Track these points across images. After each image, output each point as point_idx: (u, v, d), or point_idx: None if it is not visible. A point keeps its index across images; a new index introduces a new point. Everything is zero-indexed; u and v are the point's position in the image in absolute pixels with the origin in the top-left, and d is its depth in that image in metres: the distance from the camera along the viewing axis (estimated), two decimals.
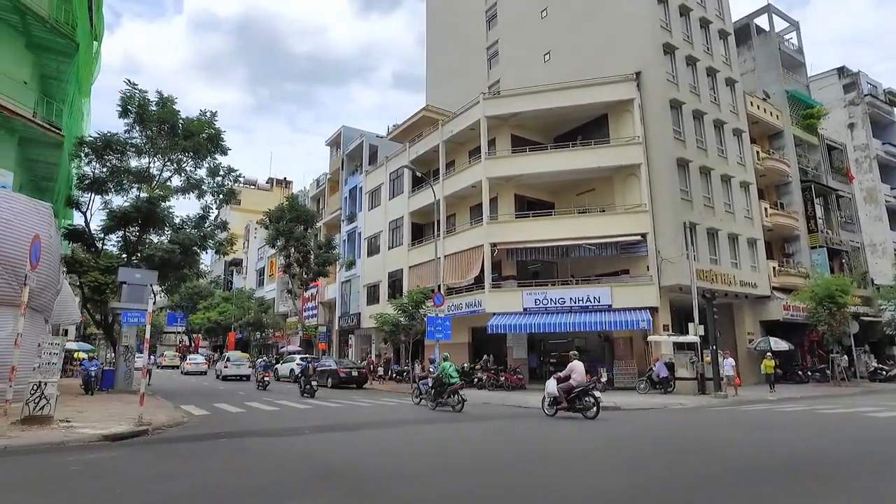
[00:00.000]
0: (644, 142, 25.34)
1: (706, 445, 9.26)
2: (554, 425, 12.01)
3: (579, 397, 12.92)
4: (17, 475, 6.77)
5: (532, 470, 7.08)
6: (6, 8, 17.08)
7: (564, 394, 13.13)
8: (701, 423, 12.78)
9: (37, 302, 14.44)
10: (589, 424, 12.05)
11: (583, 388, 12.93)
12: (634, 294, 23.85)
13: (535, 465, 7.41)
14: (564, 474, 6.80)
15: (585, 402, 12.86)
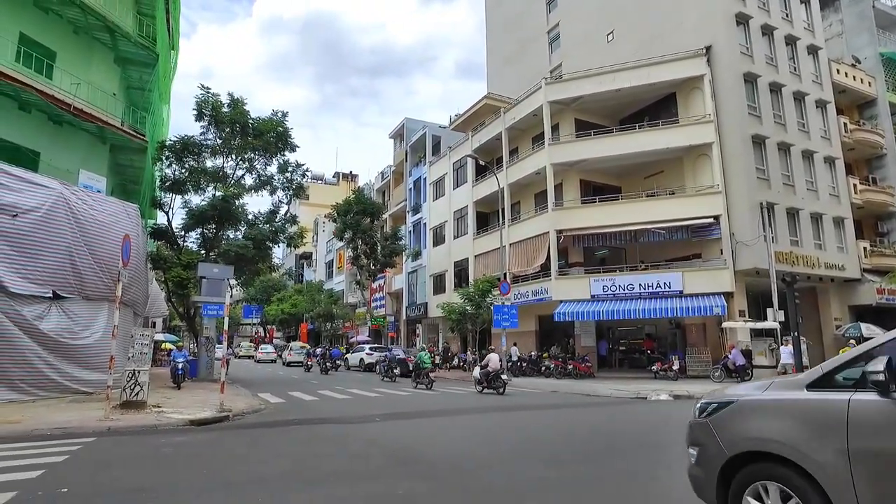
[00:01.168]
0: (716, 120, 24.15)
1: None
2: (618, 411, 11.83)
3: (494, 379, 17.21)
4: (120, 454, 7.50)
5: (606, 459, 7.07)
6: (98, 28, 18.47)
7: (485, 377, 17.48)
8: None
9: (127, 296, 15.69)
10: (645, 413, 11.80)
11: (496, 373, 17.21)
12: (707, 279, 22.92)
13: (610, 454, 7.39)
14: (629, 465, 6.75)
15: (497, 383, 17.11)
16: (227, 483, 5.81)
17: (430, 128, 41.42)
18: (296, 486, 5.74)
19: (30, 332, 13.48)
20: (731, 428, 3.65)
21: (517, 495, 5.37)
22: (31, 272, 13.79)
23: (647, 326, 26.50)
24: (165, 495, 5.33)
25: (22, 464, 6.69)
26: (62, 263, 14.49)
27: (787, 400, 3.47)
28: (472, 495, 5.38)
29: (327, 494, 5.39)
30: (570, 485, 5.80)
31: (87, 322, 15.00)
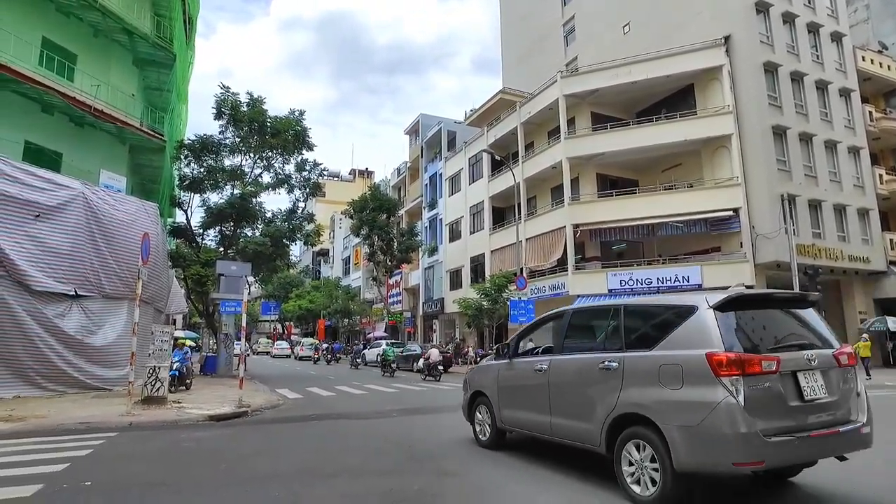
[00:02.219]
0: (735, 111, 23.78)
1: None
2: None
3: (433, 369, 20.90)
4: (142, 448, 7.64)
5: None
6: (117, 30, 18.77)
7: (426, 367, 21.27)
8: None
9: (147, 294, 15.95)
10: None
11: (434, 364, 20.96)
12: (727, 272, 22.57)
13: None
14: None
15: (435, 373, 20.80)
16: (245, 478, 5.89)
17: (445, 123, 41.39)
18: (313, 480, 5.80)
19: (51, 330, 13.78)
20: (472, 378, 7.93)
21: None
22: (53, 270, 14.09)
23: None
24: (186, 490, 5.43)
25: (48, 457, 6.87)
26: (83, 262, 14.79)
27: (483, 364, 8.09)
28: (488, 490, 5.38)
29: (344, 489, 5.44)
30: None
31: (106, 320, 15.28)
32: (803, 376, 4.46)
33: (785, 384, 4.38)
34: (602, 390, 5.18)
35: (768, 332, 4.79)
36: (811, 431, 4.33)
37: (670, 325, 4.86)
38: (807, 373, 4.48)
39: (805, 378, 4.46)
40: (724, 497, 5.20)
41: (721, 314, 4.57)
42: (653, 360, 4.80)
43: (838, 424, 4.52)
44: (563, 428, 5.73)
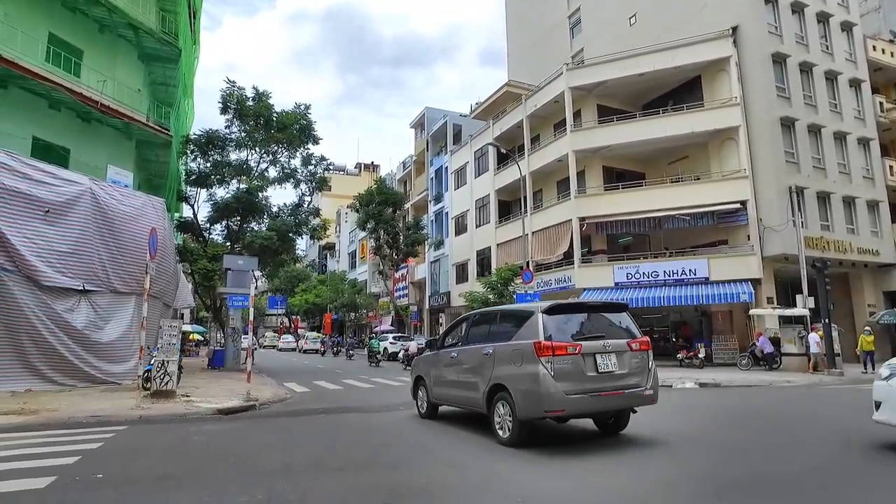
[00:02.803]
0: (742, 102, 23.59)
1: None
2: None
3: (411, 359, 20.56)
4: (151, 442, 7.73)
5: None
6: (122, 25, 18.81)
7: (405, 358, 23.57)
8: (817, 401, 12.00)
9: (155, 289, 16.07)
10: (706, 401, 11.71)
11: (412, 356, 20.34)
12: (734, 265, 22.52)
13: None
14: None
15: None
16: (254, 471, 5.95)
17: (450, 117, 41.29)
18: (320, 474, 5.85)
19: (60, 324, 13.91)
20: (415, 365, 10.37)
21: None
22: (62, 265, 14.21)
23: (672, 314, 26.18)
24: (195, 483, 5.49)
25: (60, 450, 6.95)
26: (91, 257, 14.90)
27: (422, 356, 10.32)
28: (497, 479, 5.42)
29: (350, 482, 5.49)
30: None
31: (114, 314, 15.41)
32: (600, 357, 6.93)
33: (586, 361, 6.86)
34: (483, 369, 7.73)
35: (581, 328, 7.25)
36: (602, 392, 6.88)
37: (520, 324, 7.37)
38: (603, 354, 6.95)
39: (601, 358, 6.94)
40: (576, 442, 7.59)
41: (547, 316, 7.08)
42: (509, 347, 7.34)
43: (624, 388, 7.02)
44: (463, 398, 8.38)
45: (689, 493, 5.07)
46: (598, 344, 6.99)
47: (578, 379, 6.75)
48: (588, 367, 6.84)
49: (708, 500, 4.88)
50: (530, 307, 7.56)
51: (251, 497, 4.93)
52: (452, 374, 8.63)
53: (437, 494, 5.03)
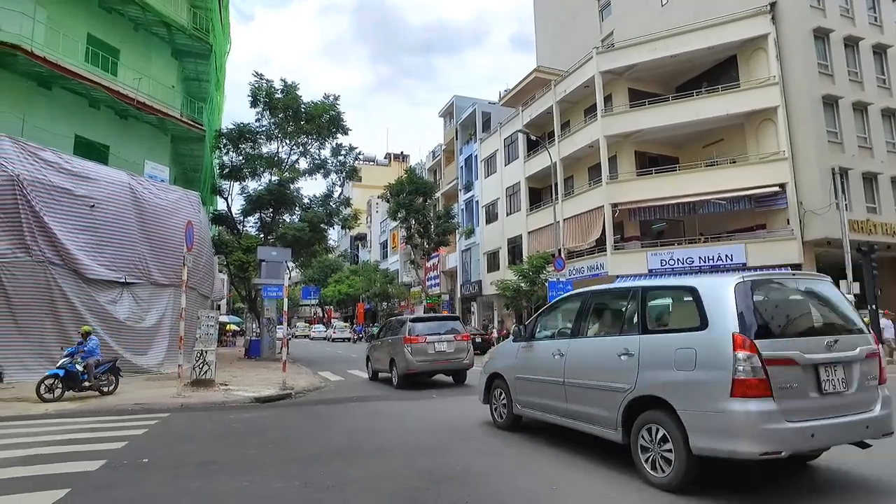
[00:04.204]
0: (781, 81, 22.75)
1: None
2: None
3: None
4: (193, 428, 8.01)
5: None
6: (155, 23, 19.28)
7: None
8: None
9: (193, 280, 16.54)
10: None
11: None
12: (773, 250, 21.88)
13: None
14: None
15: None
16: (290, 457, 6.11)
17: (479, 105, 41.03)
18: (354, 460, 5.97)
19: (102, 316, 14.49)
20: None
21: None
22: (104, 258, 14.76)
23: None
24: (235, 468, 5.67)
25: (109, 435, 7.28)
26: (132, 250, 15.46)
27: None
28: (527, 468, 5.44)
29: (384, 468, 5.59)
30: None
31: (154, 305, 15.96)
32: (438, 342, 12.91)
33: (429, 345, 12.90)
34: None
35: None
36: (436, 361, 12.58)
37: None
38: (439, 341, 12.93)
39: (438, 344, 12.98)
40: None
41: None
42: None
43: (449, 359, 13.00)
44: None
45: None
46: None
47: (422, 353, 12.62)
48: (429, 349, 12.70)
49: None
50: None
51: (288, 482, 5.08)
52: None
53: (472, 481, 5.08)
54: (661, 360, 4.83)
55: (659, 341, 4.99)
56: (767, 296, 4.79)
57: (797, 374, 4.31)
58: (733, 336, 4.31)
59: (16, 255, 13.25)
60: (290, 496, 4.69)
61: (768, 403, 4.14)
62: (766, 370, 4.19)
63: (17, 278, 13.21)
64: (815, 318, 4.90)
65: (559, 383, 6.06)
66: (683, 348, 4.65)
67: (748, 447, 4.12)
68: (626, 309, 5.58)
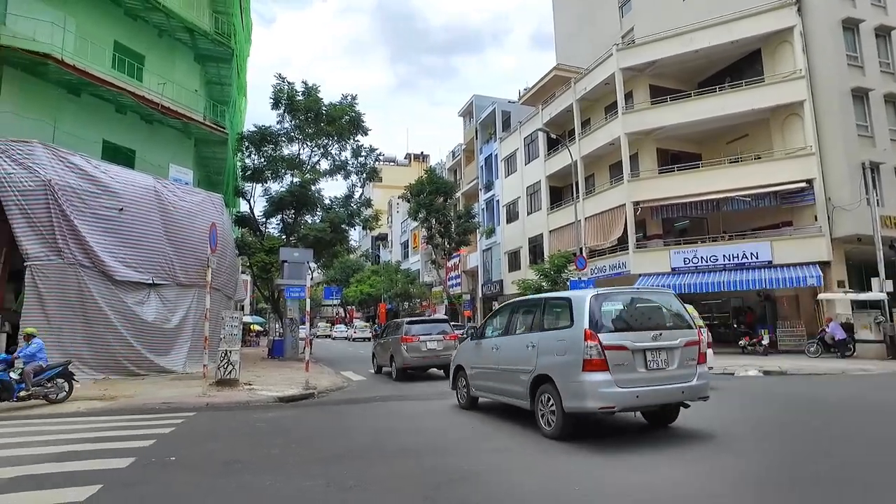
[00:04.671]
0: (808, 75, 22.26)
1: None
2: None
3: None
4: (218, 427, 8.16)
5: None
6: (179, 29, 19.65)
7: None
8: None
9: (217, 281, 16.83)
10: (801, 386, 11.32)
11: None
12: (799, 248, 21.42)
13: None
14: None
15: None
16: (313, 456, 6.20)
17: (499, 104, 40.94)
18: (376, 460, 6.03)
19: (129, 317, 14.82)
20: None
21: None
22: (132, 260, 15.10)
23: (733, 299, 25.24)
24: (259, 467, 5.76)
25: (137, 433, 7.47)
26: (158, 253, 15.77)
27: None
28: (550, 468, 5.44)
29: (406, 467, 5.64)
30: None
31: (179, 307, 16.26)
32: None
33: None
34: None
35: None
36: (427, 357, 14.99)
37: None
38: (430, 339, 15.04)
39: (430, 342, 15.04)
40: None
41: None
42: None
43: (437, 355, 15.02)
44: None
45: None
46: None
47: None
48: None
49: (782, 492, 4.74)
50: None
51: (312, 481, 5.15)
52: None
53: (488, 480, 5.10)
54: (549, 348, 6.98)
55: (549, 335, 7.12)
56: (612, 304, 6.86)
57: (628, 356, 6.38)
58: (585, 331, 6.39)
59: (49, 258, 13.63)
60: (312, 495, 4.76)
61: (606, 375, 6.24)
62: (605, 353, 6.28)
63: (50, 280, 13.60)
64: (648, 318, 6.95)
65: (497, 370, 8.23)
66: (561, 340, 6.80)
67: (591, 404, 6.24)
68: (534, 313, 7.78)
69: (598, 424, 7.45)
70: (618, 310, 6.86)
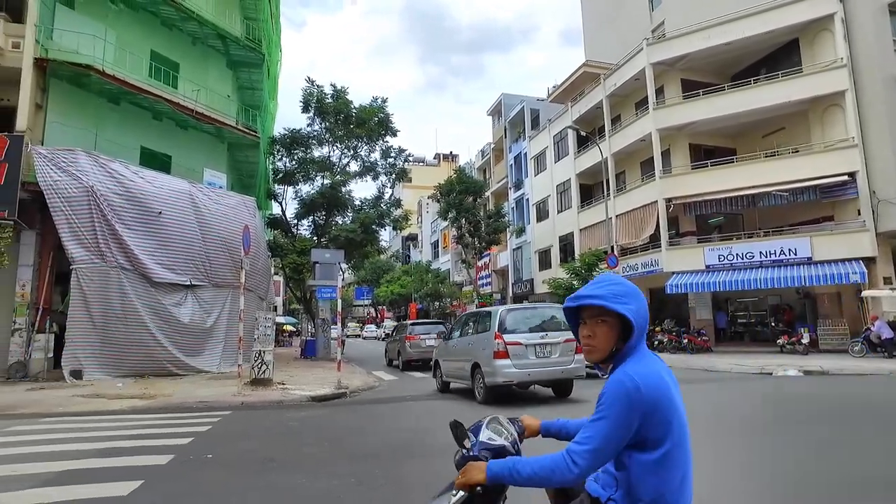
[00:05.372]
0: (850, 63, 21.47)
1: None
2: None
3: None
4: (253, 426, 8.36)
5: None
6: (212, 36, 20.15)
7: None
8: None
9: (250, 283, 17.20)
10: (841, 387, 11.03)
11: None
12: (841, 243, 20.70)
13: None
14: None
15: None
16: (345, 455, 6.30)
17: (527, 102, 40.71)
18: (407, 459, 6.10)
19: (167, 318, 15.28)
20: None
21: None
22: (171, 263, 15.56)
23: (770, 297, 24.57)
24: (293, 465, 5.89)
25: (176, 431, 7.70)
26: (194, 255, 16.21)
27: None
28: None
29: (438, 467, 5.66)
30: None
31: (214, 308, 16.67)
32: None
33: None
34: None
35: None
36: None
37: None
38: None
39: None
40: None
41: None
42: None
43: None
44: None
45: None
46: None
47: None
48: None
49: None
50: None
51: (343, 479, 5.24)
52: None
53: None
54: (479, 345, 10.44)
55: (479, 337, 10.69)
56: (515, 315, 10.36)
57: (522, 349, 9.71)
58: (495, 334, 9.81)
59: (92, 262, 14.17)
60: (344, 493, 4.84)
61: (508, 361, 9.61)
62: (507, 348, 9.65)
63: (94, 282, 14.13)
64: (539, 324, 10.26)
65: (456, 361, 11.55)
66: (484, 339, 10.23)
67: (500, 380, 9.67)
68: (474, 322, 11.50)
69: (519, 395, 11.05)
70: (518, 319, 10.26)
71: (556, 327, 10.00)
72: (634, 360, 1.71)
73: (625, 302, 1.72)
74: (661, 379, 1.66)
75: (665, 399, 1.64)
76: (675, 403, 1.66)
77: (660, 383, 1.64)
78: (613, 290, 1.75)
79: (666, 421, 1.63)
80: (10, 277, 13.99)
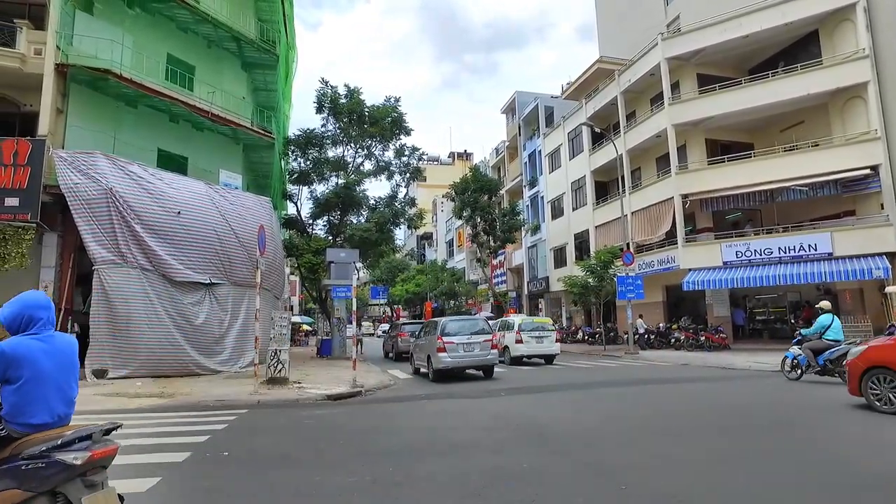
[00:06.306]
0: (872, 54, 21.01)
1: None
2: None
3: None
4: (269, 424, 8.44)
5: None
6: (227, 39, 20.36)
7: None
8: None
9: (267, 282, 17.36)
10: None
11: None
12: (863, 238, 20.30)
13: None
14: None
15: None
16: (360, 453, 6.33)
17: (541, 99, 40.52)
18: (423, 457, 6.11)
19: (187, 317, 15.49)
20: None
21: (641, 472, 5.29)
22: (190, 262, 15.77)
23: (789, 293, 24.19)
24: (308, 462, 5.95)
25: (193, 429, 7.80)
26: (212, 254, 16.41)
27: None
28: (596, 470, 5.39)
29: (452, 465, 5.68)
30: (699, 464, 5.61)
31: (230, 307, 16.86)
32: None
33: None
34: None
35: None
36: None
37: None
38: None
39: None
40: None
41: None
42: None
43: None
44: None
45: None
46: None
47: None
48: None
49: None
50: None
51: (358, 477, 5.27)
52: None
53: (539, 481, 5.09)
54: (430, 343, 14.68)
55: (430, 337, 14.92)
56: (452, 324, 14.83)
57: (455, 346, 13.98)
58: (438, 336, 14.10)
59: (114, 262, 14.42)
60: (359, 491, 4.86)
61: (445, 354, 13.88)
62: (445, 345, 13.89)
63: (116, 283, 14.38)
64: (468, 329, 14.62)
65: (419, 352, 15.73)
66: (433, 339, 14.40)
67: (440, 366, 14.03)
68: (429, 327, 15.85)
69: (457, 376, 14.70)
70: (455, 327, 14.48)
71: (481, 332, 14.46)
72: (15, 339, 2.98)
73: None
74: (26, 346, 2.95)
75: (21, 356, 2.90)
76: (29, 358, 2.93)
77: (18, 347, 2.92)
78: None
79: (20, 367, 2.90)
80: (33, 278, 14.26)
